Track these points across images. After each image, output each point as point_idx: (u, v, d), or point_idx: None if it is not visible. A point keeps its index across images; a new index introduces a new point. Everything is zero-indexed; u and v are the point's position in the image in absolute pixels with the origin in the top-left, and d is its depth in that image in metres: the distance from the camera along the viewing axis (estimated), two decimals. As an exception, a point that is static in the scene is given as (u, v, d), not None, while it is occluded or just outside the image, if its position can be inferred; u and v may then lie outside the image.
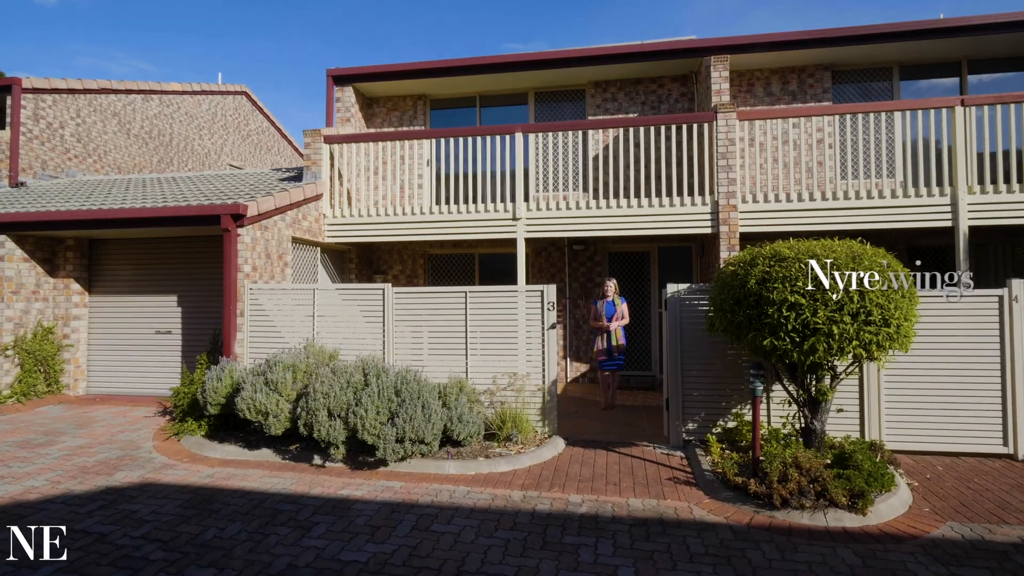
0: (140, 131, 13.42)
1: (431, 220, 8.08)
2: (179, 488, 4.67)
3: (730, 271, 4.76)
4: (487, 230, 7.97)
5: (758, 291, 4.38)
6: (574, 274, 9.45)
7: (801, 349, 4.22)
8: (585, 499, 4.44)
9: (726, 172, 7.40)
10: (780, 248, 4.55)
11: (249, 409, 5.20)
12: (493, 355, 6.09)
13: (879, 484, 4.21)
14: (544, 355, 5.97)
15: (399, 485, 4.73)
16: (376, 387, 4.98)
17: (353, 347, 6.40)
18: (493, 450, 5.45)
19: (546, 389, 5.94)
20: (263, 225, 7.03)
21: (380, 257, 10.10)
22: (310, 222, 8.08)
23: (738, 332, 4.62)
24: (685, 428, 5.75)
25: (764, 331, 4.35)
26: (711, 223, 7.46)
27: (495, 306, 6.14)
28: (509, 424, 5.65)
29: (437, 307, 6.28)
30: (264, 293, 6.75)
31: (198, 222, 6.68)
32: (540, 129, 7.96)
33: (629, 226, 7.65)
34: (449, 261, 9.99)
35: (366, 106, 10.20)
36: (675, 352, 5.75)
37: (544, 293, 6.00)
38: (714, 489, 4.53)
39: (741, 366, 5.64)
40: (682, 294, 5.79)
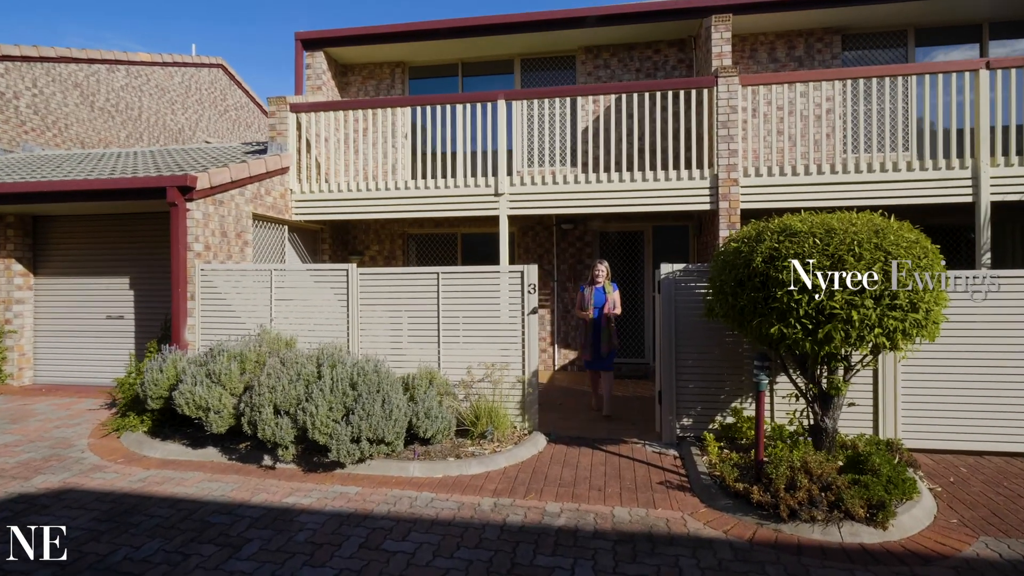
0: (105, 104, 12.63)
1: (407, 196, 7.44)
2: (101, 495, 4.09)
3: (732, 248, 4.16)
4: (467, 206, 7.34)
5: (765, 271, 3.79)
6: (562, 255, 8.84)
7: (814, 338, 3.64)
8: (564, 508, 3.89)
9: (727, 143, 6.77)
10: (791, 221, 3.95)
11: (188, 404, 4.61)
12: (468, 343, 5.51)
13: (900, 492, 3.67)
14: (525, 343, 5.38)
15: (354, 491, 4.17)
16: (329, 380, 4.39)
17: (315, 334, 5.80)
18: (465, 449, 4.89)
19: (526, 380, 5.37)
20: (217, 200, 6.38)
21: (356, 237, 9.46)
22: (274, 198, 7.43)
23: (741, 318, 4.04)
24: (679, 424, 5.19)
25: (771, 317, 3.77)
26: (710, 199, 6.85)
27: (470, 289, 5.54)
28: (484, 419, 5.09)
29: (407, 290, 5.68)
30: (220, 274, 6.12)
31: (142, 195, 6.02)
32: (524, 96, 7.29)
33: (621, 202, 7.03)
34: (430, 241, 9.36)
35: (340, 74, 9.47)
36: (669, 339, 5.17)
37: (524, 274, 5.40)
38: (711, 496, 3.98)
39: (742, 356, 5.07)
40: (677, 275, 5.20)
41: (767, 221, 4.16)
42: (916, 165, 6.44)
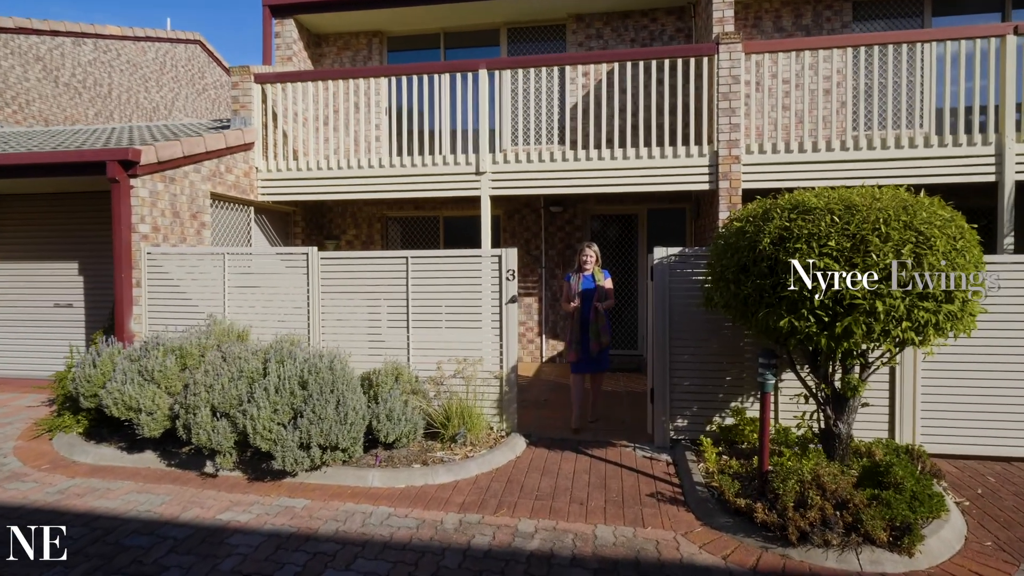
0: (71, 80, 11.93)
1: (384, 175, 6.85)
2: (7, 511, 3.56)
3: (735, 228, 3.61)
4: (447, 186, 6.76)
5: (774, 254, 3.25)
6: (551, 240, 8.28)
7: (831, 332, 3.11)
8: (539, 527, 3.38)
9: (728, 116, 6.19)
10: (804, 197, 3.40)
11: (116, 404, 4.07)
12: (441, 335, 4.97)
13: (927, 510, 3.17)
14: (503, 335, 4.85)
15: (302, 505, 3.65)
16: (276, 377, 3.85)
17: (273, 325, 5.25)
18: (434, 454, 4.37)
19: (504, 377, 4.84)
20: (168, 176, 5.79)
21: (332, 221, 8.87)
22: (237, 176, 6.83)
23: (744, 309, 3.51)
24: (673, 425, 4.69)
25: (780, 308, 3.24)
26: (709, 178, 6.29)
27: (443, 275, 4.99)
28: (456, 420, 4.56)
29: (373, 277, 5.12)
30: (171, 259, 5.55)
31: (80, 171, 5.42)
32: (508, 65, 6.68)
33: (614, 182, 6.47)
34: (410, 225, 8.78)
35: (313, 45, 8.82)
36: (662, 332, 4.65)
37: (503, 258, 4.85)
38: (709, 512, 3.48)
39: (743, 350, 4.55)
40: (672, 260, 4.66)
41: (775, 197, 3.61)
42: (934, 141, 5.88)
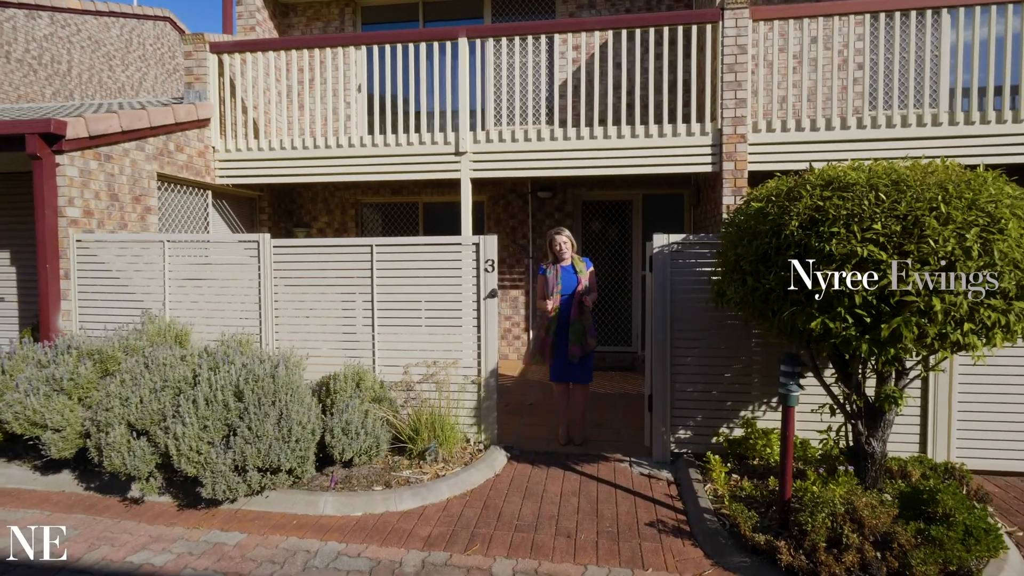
0: (25, 56, 11.09)
1: (357, 156, 6.19)
2: None
3: (754, 210, 3.02)
4: (423, 168, 6.12)
5: (803, 240, 2.66)
6: (539, 228, 7.67)
7: (874, 336, 2.54)
8: (519, 569, 2.80)
9: (733, 90, 5.59)
10: (841, 172, 2.81)
11: (18, 419, 3.42)
12: (410, 334, 4.36)
13: (983, 548, 2.63)
14: (480, 334, 4.25)
15: (235, 541, 3.04)
16: (207, 387, 3.23)
17: (220, 323, 4.61)
18: (399, 473, 3.77)
19: (482, 382, 4.25)
20: (103, 154, 5.10)
21: (302, 207, 8.20)
22: (190, 156, 6.15)
23: (764, 306, 2.92)
24: (674, 437, 4.12)
25: (811, 306, 2.66)
26: (712, 159, 5.70)
27: (412, 266, 4.37)
28: (426, 433, 3.97)
29: (334, 267, 4.49)
30: (109, 247, 4.87)
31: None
32: (491, 33, 6.03)
33: (607, 163, 5.86)
34: (387, 211, 8.13)
35: (280, 15, 8.10)
36: (663, 331, 4.07)
37: (481, 247, 4.24)
38: (720, 549, 2.91)
39: (755, 352, 3.98)
40: (674, 249, 4.07)
41: (802, 175, 3.02)
42: (960, 119, 5.32)
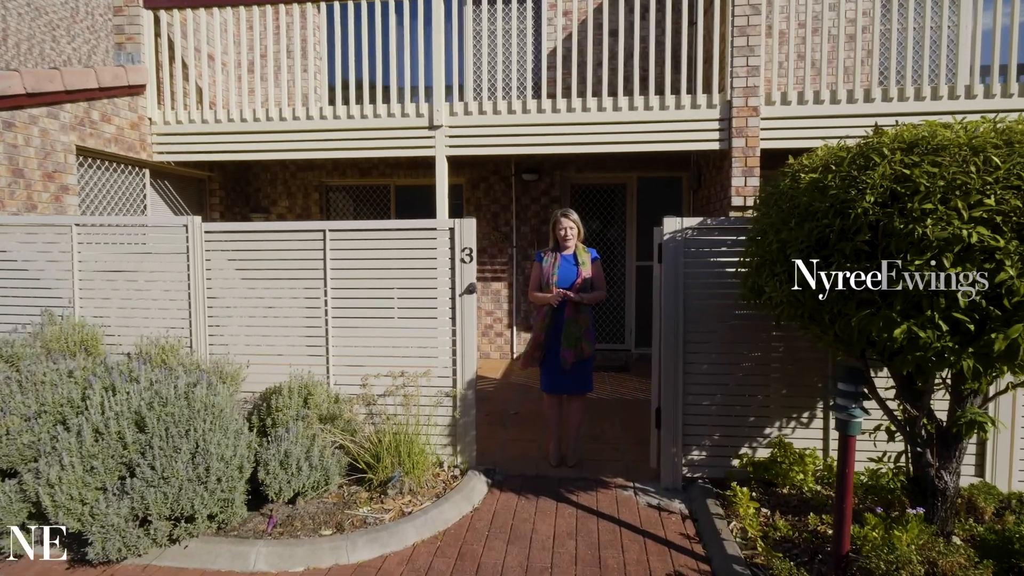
0: (-49, 21, 9.97)
1: (316, 130, 5.40)
2: None
3: (807, 183, 2.34)
4: (394, 144, 5.36)
5: (881, 221, 2.01)
6: (523, 214, 6.96)
7: (982, 348, 1.90)
8: (503, 656, 2.12)
9: (745, 56, 4.93)
10: (926, 130, 2.15)
11: None
12: (371, 338, 3.64)
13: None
14: (456, 338, 3.54)
15: (130, 617, 2.32)
16: (98, 415, 2.47)
17: (144, 323, 3.83)
18: (355, 510, 3.06)
19: (459, 395, 3.55)
20: (3, 120, 4.25)
21: (260, 189, 7.36)
22: (119, 127, 5.29)
23: (819, 307, 2.27)
24: (687, 458, 3.47)
25: (893, 308, 2.01)
26: (720, 135, 5.04)
27: (375, 256, 3.64)
28: (389, 459, 3.26)
29: (281, 257, 3.74)
30: (8, 232, 4.04)
31: None
32: (469, -11, 5.27)
33: (600, 140, 5.17)
34: (356, 195, 7.34)
35: (233, -28, 7.19)
36: (674, 332, 3.40)
37: (456, 233, 3.52)
38: (761, 619, 2.27)
39: (784, 358, 3.35)
40: (688, 235, 3.40)
41: (871, 139, 2.35)
42: (997, 90, 4.73)
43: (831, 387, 3.30)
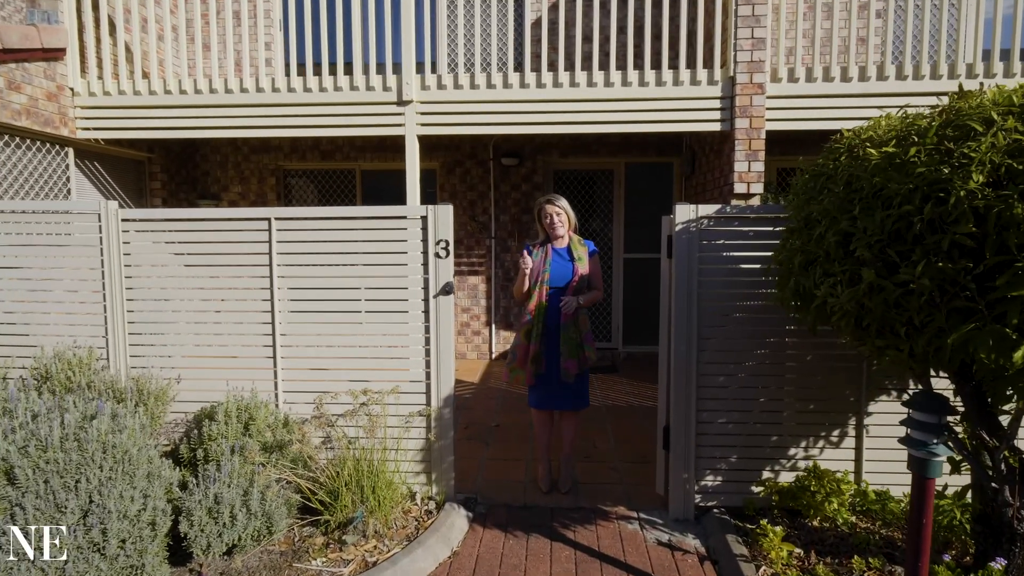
0: None
1: (269, 103, 4.73)
2: None
3: (880, 157, 1.85)
4: (358, 121, 4.73)
5: (992, 207, 1.53)
6: (503, 202, 6.40)
7: None
8: None
9: (750, 27, 4.45)
10: (1042, 89, 1.68)
11: None
12: (328, 347, 3.06)
13: None
14: (431, 347, 2.98)
15: None
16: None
17: (46, 332, 3.16)
18: (307, 564, 2.50)
19: (434, 414, 3.00)
20: None
21: (208, 173, 6.61)
22: (32, 98, 4.52)
23: (893, 318, 1.79)
24: (699, 484, 3.00)
25: (1003, 322, 1.53)
26: (722, 114, 4.57)
27: (332, 249, 3.05)
28: (349, 496, 2.70)
29: (218, 251, 3.11)
30: None
31: None
32: (443, -55, 4.65)
33: (588, 119, 4.64)
34: (317, 180, 6.66)
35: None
36: (686, 338, 2.91)
37: (430, 221, 2.95)
38: None
39: (814, 369, 2.90)
40: (705, 226, 2.90)
41: (958, 102, 1.86)
42: (1018, 68, 4.37)
43: (863, 400, 2.88)
